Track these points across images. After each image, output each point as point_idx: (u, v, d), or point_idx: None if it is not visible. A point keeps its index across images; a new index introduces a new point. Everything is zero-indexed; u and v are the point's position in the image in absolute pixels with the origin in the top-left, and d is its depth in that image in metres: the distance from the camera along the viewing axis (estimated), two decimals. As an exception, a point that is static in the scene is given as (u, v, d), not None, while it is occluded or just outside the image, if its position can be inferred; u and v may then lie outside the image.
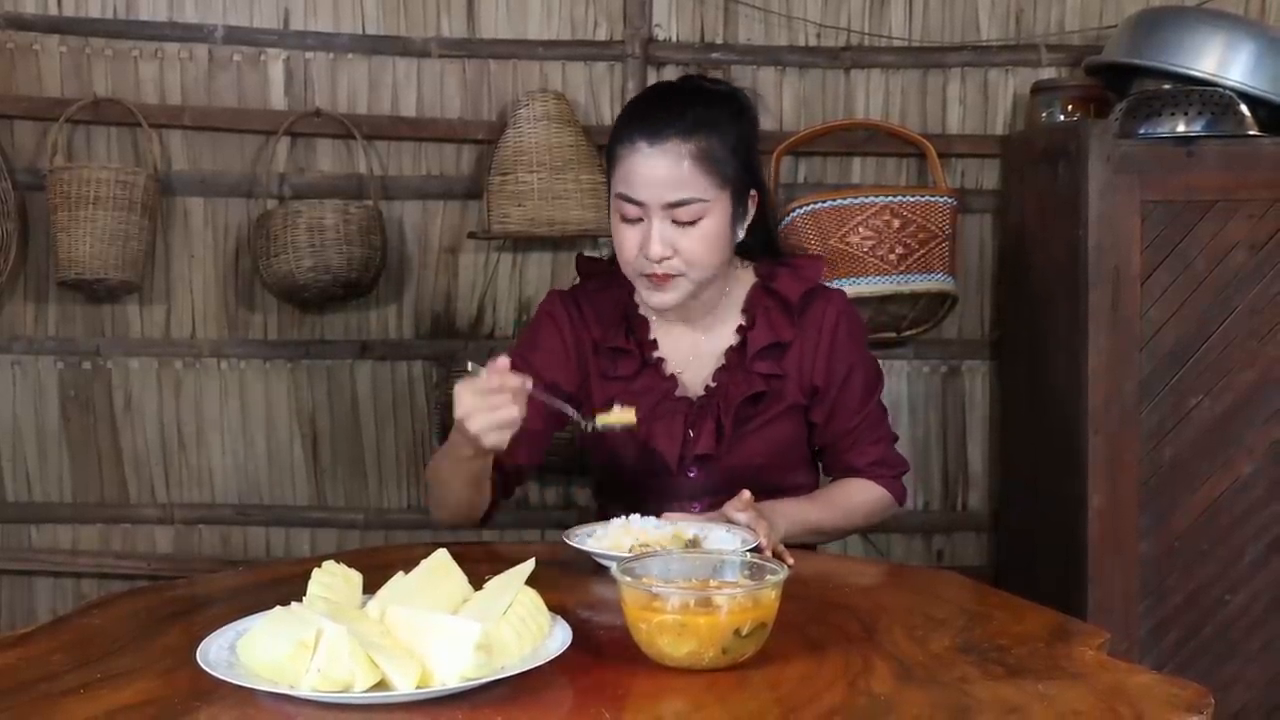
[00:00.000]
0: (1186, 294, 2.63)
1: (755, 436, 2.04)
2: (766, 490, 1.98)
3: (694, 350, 2.06)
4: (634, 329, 2.06)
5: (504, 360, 1.71)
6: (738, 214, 1.98)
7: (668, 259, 1.91)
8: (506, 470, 1.98)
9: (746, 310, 2.06)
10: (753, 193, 2.01)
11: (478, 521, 2.01)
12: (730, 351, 2.05)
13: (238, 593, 1.67)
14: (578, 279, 2.20)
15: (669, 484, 2.02)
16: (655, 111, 1.94)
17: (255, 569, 2.01)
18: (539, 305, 2.16)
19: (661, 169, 1.89)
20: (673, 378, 2.06)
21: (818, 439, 2.14)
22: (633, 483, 2.05)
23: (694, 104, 1.95)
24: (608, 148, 2.01)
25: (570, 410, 1.85)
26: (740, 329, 2.05)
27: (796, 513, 1.97)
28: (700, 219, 1.90)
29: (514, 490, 2.05)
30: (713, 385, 2.05)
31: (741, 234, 2.01)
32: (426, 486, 2.03)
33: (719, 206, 1.93)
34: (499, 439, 1.71)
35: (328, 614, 1.29)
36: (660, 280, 1.93)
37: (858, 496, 2.10)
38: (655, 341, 2.06)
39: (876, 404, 2.12)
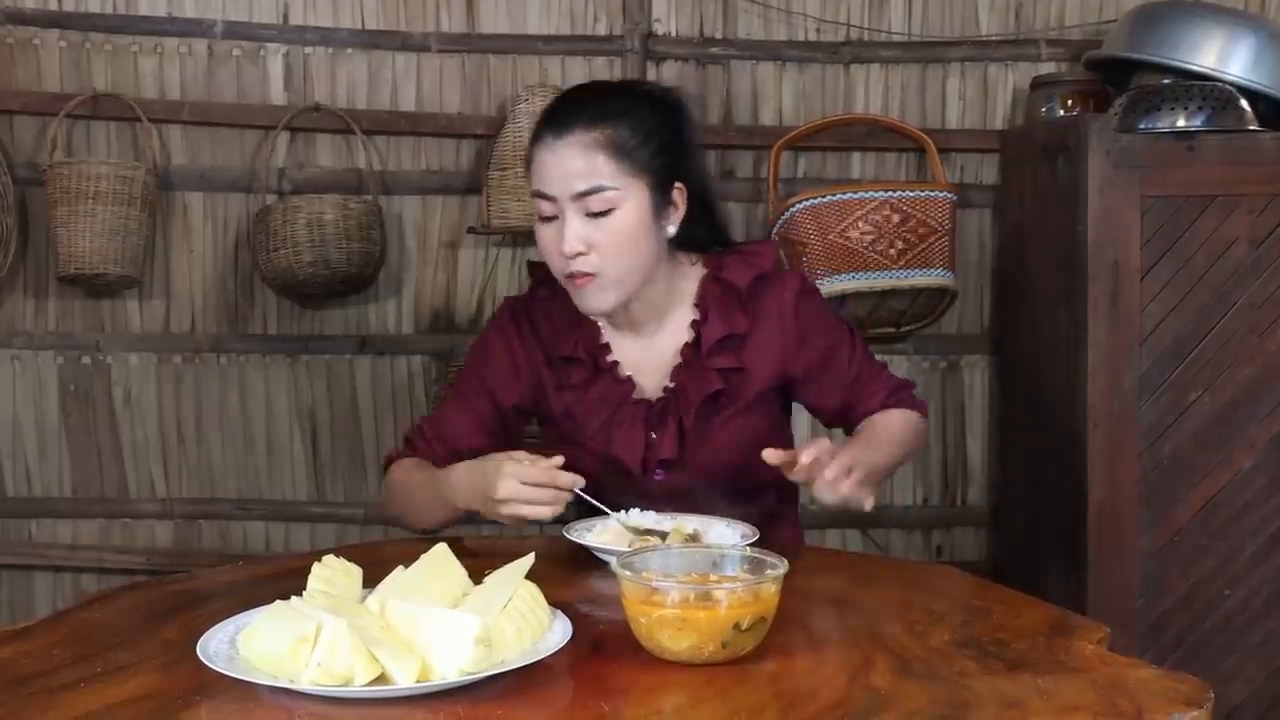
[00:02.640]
0: (1186, 289, 2.63)
1: (721, 433, 1.99)
2: (742, 485, 1.95)
3: (648, 351, 2.02)
4: (585, 335, 2.00)
5: (559, 459, 1.77)
6: (659, 206, 1.91)
7: (582, 254, 1.86)
8: None
9: (699, 304, 2.00)
10: (679, 185, 1.94)
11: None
12: (686, 348, 1.99)
13: (237, 587, 1.67)
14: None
15: (635, 488, 1.95)
16: (562, 107, 1.93)
17: (255, 563, 2.01)
18: (492, 317, 2.11)
19: (568, 159, 1.85)
20: (629, 380, 2.00)
21: (824, 417, 2.10)
22: (599, 487, 1.94)
23: (600, 96, 1.94)
24: (527, 155, 1.97)
25: (605, 510, 1.83)
26: (694, 324, 2.00)
27: (863, 457, 1.86)
28: (613, 209, 1.85)
29: None
30: (671, 385, 2.00)
31: (671, 229, 1.94)
32: (393, 490, 2.00)
33: (633, 196, 1.87)
34: (515, 524, 1.78)
35: (327, 608, 1.29)
36: (580, 282, 1.88)
37: (894, 425, 2.02)
38: (607, 346, 2.01)
39: (863, 355, 2.06)
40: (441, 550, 1.45)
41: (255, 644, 1.29)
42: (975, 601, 1.64)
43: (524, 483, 1.73)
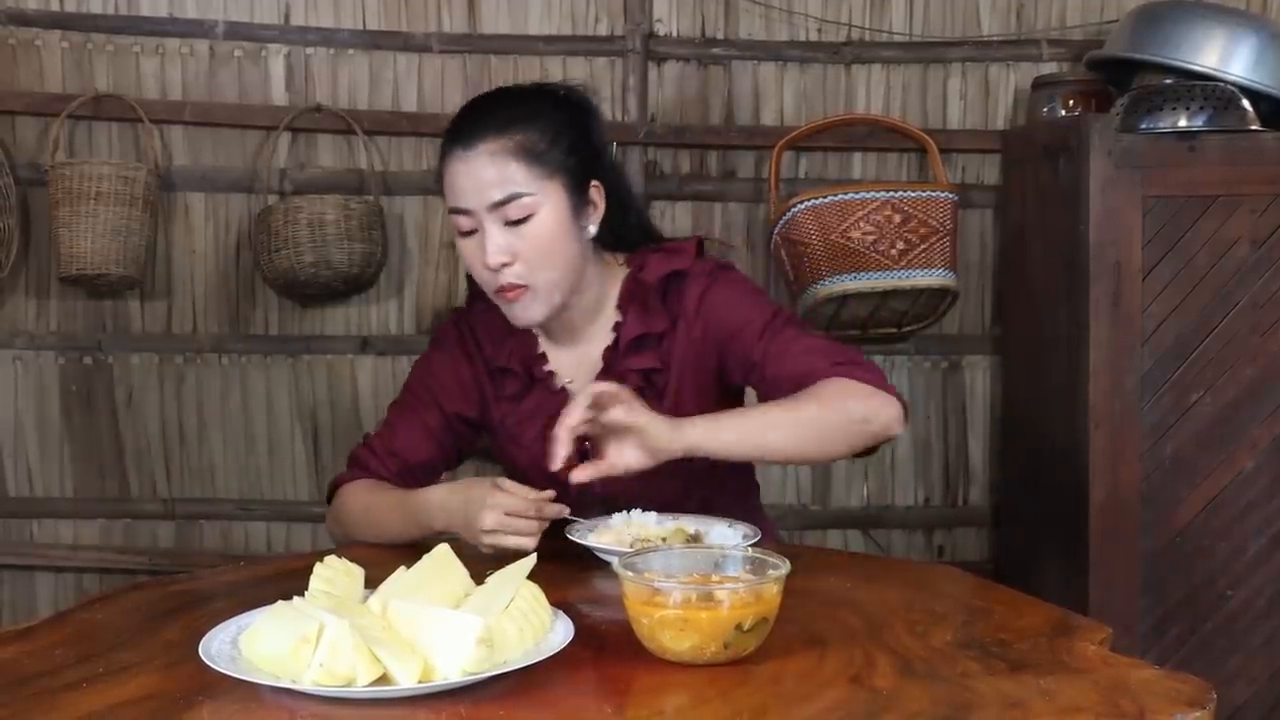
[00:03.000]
0: (1188, 289, 2.63)
1: None
2: (688, 485, 1.91)
3: (581, 359, 1.98)
4: (521, 345, 1.98)
5: (550, 493, 1.75)
6: (578, 207, 1.88)
7: (507, 265, 1.83)
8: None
9: (620, 305, 1.98)
10: (595, 183, 1.90)
11: None
12: (607, 351, 1.95)
13: (239, 587, 1.68)
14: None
15: (578, 498, 1.86)
16: (466, 119, 1.89)
17: (256, 564, 2.01)
18: (434, 330, 2.08)
19: (479, 171, 1.82)
20: (563, 391, 1.97)
21: (756, 390, 1.96)
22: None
23: (503, 104, 1.90)
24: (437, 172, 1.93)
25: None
26: (616, 325, 1.96)
27: (722, 415, 1.77)
28: (531, 215, 1.82)
29: None
30: None
31: (593, 229, 1.91)
32: (349, 514, 1.96)
33: (550, 199, 1.84)
34: (493, 551, 1.72)
35: (329, 609, 1.29)
36: (510, 295, 1.86)
37: (810, 390, 1.81)
38: (544, 355, 1.99)
39: (782, 330, 1.90)
40: (444, 551, 1.45)
41: (257, 644, 1.29)
42: (977, 602, 1.64)
43: (509, 513, 1.72)
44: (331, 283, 2.97)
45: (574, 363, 1.99)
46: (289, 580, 1.47)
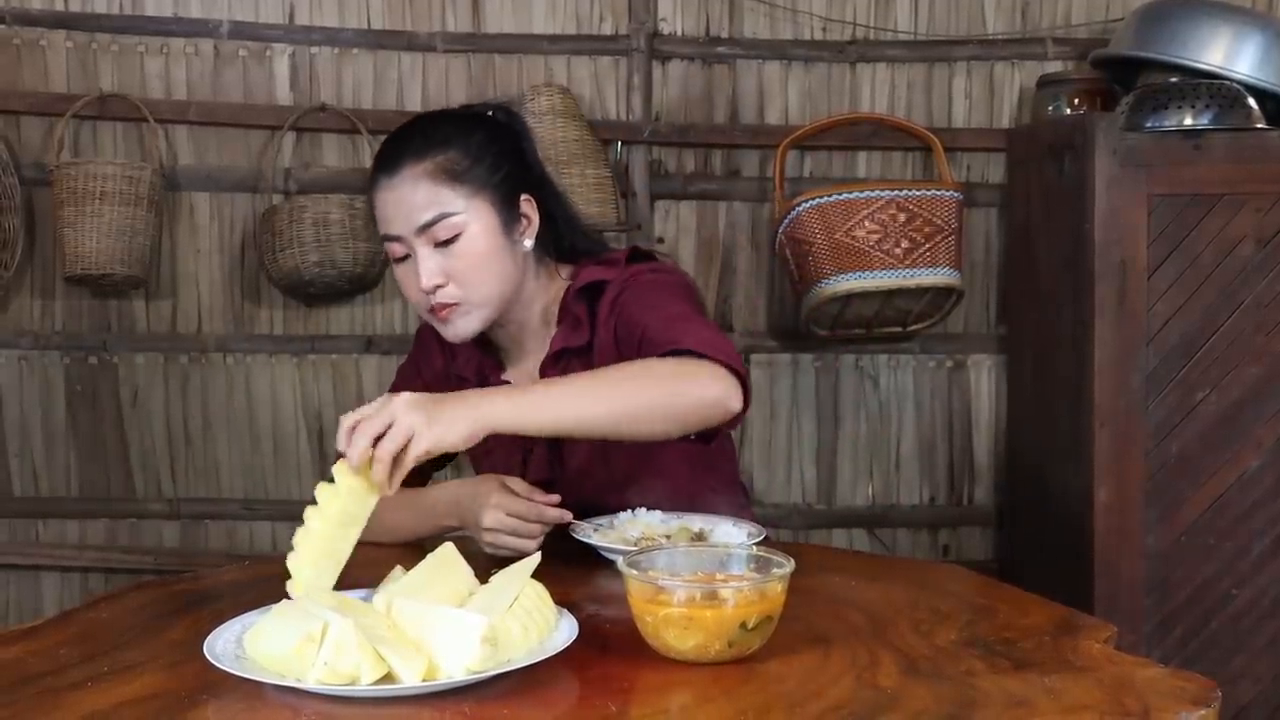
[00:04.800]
0: (1193, 288, 2.63)
1: (580, 449, 1.89)
2: (643, 495, 1.89)
3: (528, 374, 1.98)
4: (482, 355, 1.98)
5: (555, 498, 1.77)
6: (508, 222, 1.86)
7: (441, 287, 1.83)
8: None
9: (559, 319, 1.95)
10: (526, 197, 1.89)
11: None
12: (540, 367, 1.94)
13: (244, 587, 1.68)
14: None
15: (579, 505, 1.85)
16: (388, 148, 1.88)
17: (261, 563, 2.01)
18: (416, 335, 2.10)
19: (403, 196, 1.82)
20: None
21: None
22: None
23: (421, 129, 1.89)
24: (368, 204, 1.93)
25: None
26: (553, 340, 1.94)
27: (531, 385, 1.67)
28: (460, 234, 1.81)
29: None
30: None
31: (528, 243, 1.89)
32: None
33: (478, 217, 1.82)
34: (494, 551, 1.75)
35: (334, 607, 1.29)
36: (442, 315, 1.85)
37: (640, 361, 1.72)
38: (501, 365, 2.00)
39: (677, 312, 1.80)
40: (448, 550, 1.45)
41: (262, 643, 1.29)
42: (981, 600, 1.64)
43: (510, 514, 1.74)
44: (336, 282, 2.97)
45: (528, 374, 1.98)
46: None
